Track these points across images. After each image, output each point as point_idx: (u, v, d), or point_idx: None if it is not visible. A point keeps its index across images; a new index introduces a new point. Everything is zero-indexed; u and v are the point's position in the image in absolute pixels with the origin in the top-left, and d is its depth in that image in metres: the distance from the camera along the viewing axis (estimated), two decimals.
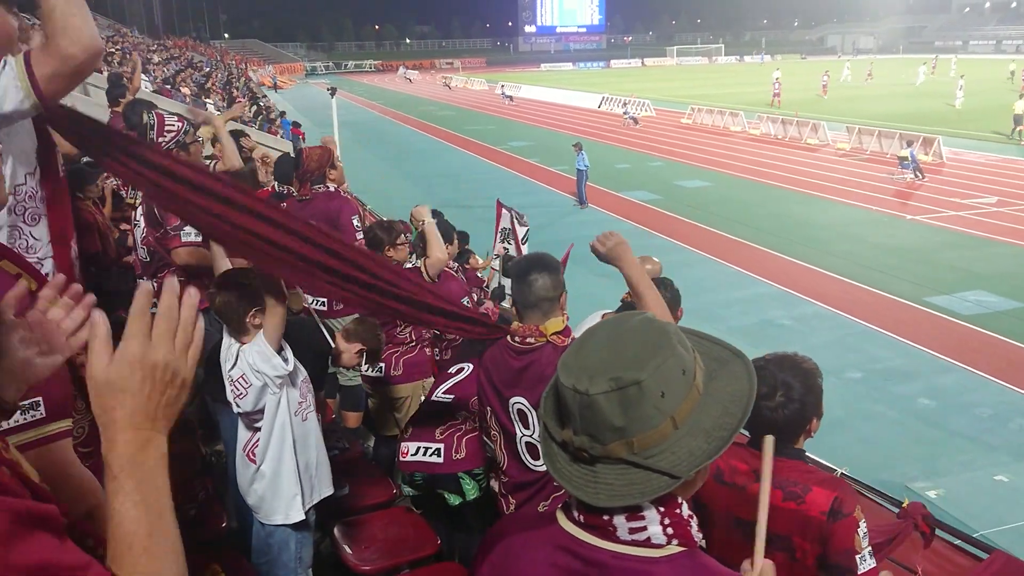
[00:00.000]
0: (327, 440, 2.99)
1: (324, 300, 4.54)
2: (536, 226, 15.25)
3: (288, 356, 2.63)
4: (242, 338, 2.65)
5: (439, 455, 3.05)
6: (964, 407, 7.80)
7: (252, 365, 2.58)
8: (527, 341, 2.43)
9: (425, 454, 3.08)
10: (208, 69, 37.51)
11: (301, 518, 2.77)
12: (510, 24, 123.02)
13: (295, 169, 5.16)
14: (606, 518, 1.05)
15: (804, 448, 2.12)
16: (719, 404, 1.07)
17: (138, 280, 4.42)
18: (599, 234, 2.37)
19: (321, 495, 2.87)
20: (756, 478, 2.05)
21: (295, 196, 5.06)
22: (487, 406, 2.63)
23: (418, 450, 3.11)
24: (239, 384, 2.63)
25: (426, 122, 34.48)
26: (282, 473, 2.72)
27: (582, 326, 2.66)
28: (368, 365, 3.45)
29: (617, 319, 1.12)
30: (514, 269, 2.57)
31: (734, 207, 16.44)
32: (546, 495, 2.47)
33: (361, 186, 15.09)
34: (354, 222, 4.99)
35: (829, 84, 39.08)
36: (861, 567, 1.94)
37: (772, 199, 17.36)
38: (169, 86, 20.61)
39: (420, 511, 3.37)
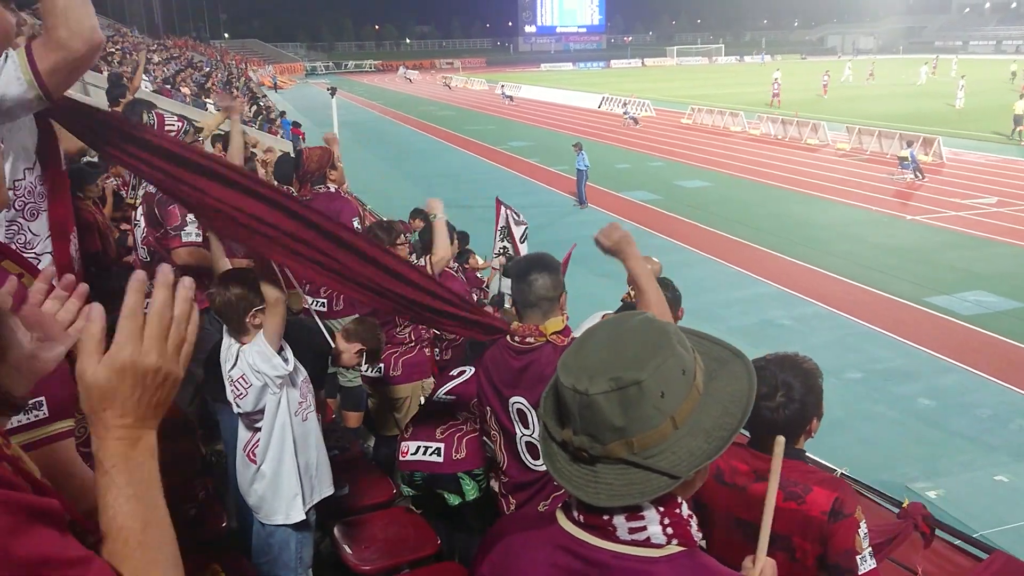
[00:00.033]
0: (327, 440, 2.99)
1: (324, 301, 4.54)
2: (536, 226, 15.26)
3: (288, 356, 2.63)
4: (242, 338, 2.65)
5: (439, 454, 3.05)
6: (964, 407, 7.79)
7: (252, 365, 2.58)
8: (527, 341, 2.43)
9: (425, 453, 3.08)
10: (208, 69, 37.52)
11: (302, 518, 2.77)
12: (510, 24, 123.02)
13: (295, 170, 5.16)
14: (606, 518, 1.05)
15: (804, 448, 2.12)
16: (719, 404, 1.07)
17: None
18: (603, 226, 2.34)
19: (321, 495, 2.87)
20: (756, 479, 2.05)
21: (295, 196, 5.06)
22: (487, 406, 2.63)
23: (418, 449, 3.11)
24: (239, 384, 2.63)
25: (426, 122, 34.47)
26: (282, 473, 2.72)
27: (582, 327, 2.66)
28: (368, 365, 3.46)
29: (617, 319, 1.12)
30: (514, 269, 2.57)
31: (734, 207, 16.44)
32: (546, 495, 2.47)
33: (361, 186, 15.10)
34: (354, 223, 4.99)
35: (830, 84, 39.08)
36: (862, 568, 1.94)
37: (772, 199, 17.36)
38: (169, 86, 20.63)
39: (420, 511, 3.37)
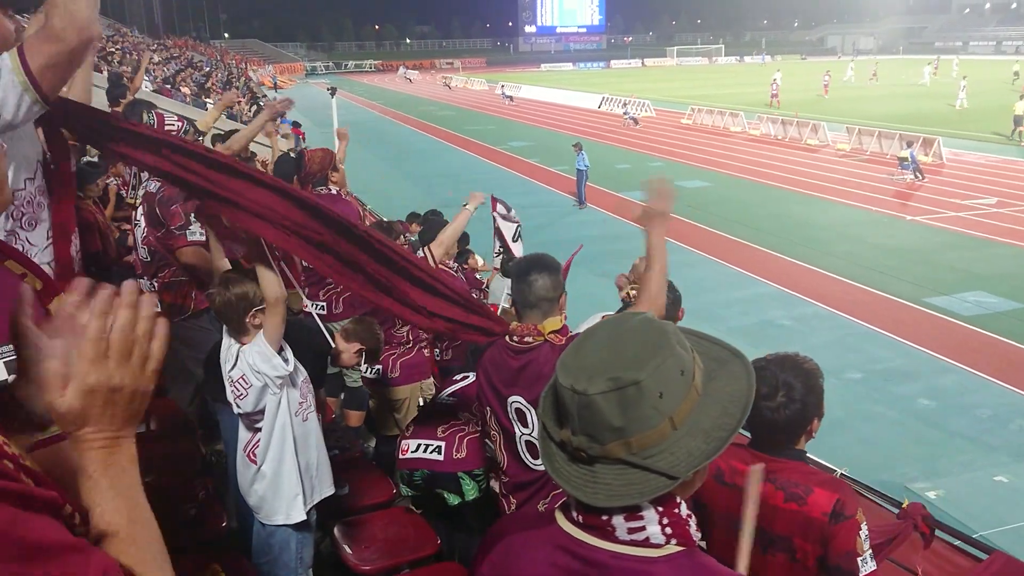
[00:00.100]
0: (327, 440, 3.00)
1: (324, 304, 4.54)
2: (536, 226, 15.26)
3: (288, 356, 2.63)
4: (242, 338, 2.65)
5: (440, 452, 3.05)
6: (964, 408, 7.79)
7: (252, 365, 2.58)
8: (525, 340, 2.43)
9: (426, 451, 3.08)
10: (208, 69, 37.52)
11: (302, 518, 2.77)
12: (510, 24, 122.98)
13: (297, 171, 5.16)
14: (605, 518, 1.05)
15: (805, 449, 2.12)
16: (718, 404, 1.06)
17: (138, 280, 4.42)
18: (659, 178, 2.36)
19: (322, 495, 2.87)
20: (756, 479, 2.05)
21: None
22: (486, 406, 2.63)
23: (419, 447, 3.11)
24: (239, 385, 2.63)
25: (426, 122, 34.47)
26: (283, 473, 2.72)
27: (580, 328, 2.66)
28: (367, 365, 3.46)
29: (616, 319, 1.12)
30: (514, 269, 2.57)
31: (734, 207, 16.44)
32: (545, 494, 2.47)
33: (361, 186, 15.09)
34: None
35: (831, 84, 39.07)
36: (863, 569, 1.94)
37: (772, 199, 17.36)
38: (169, 86, 20.63)
39: (420, 511, 3.37)
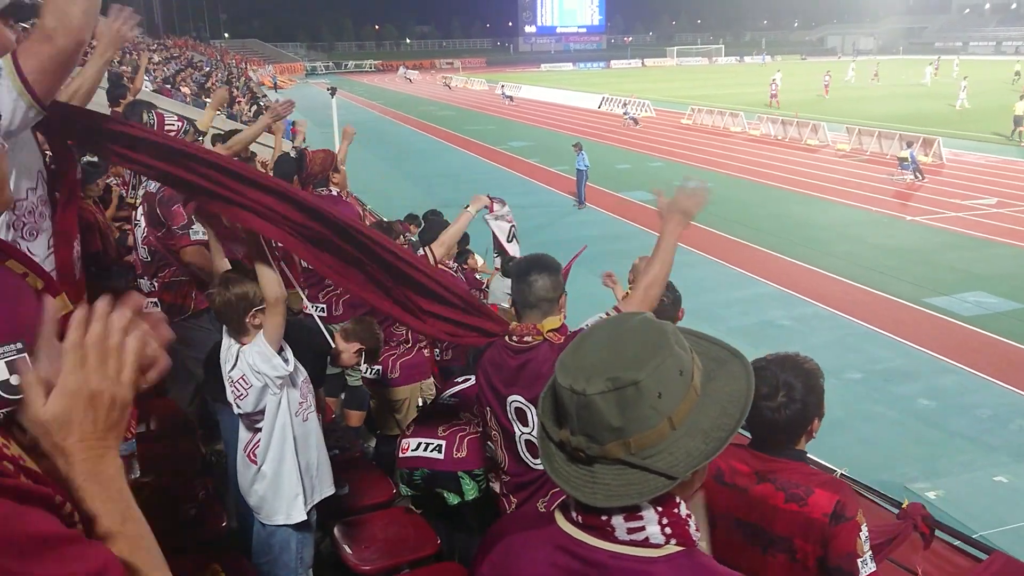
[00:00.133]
0: (327, 440, 3.00)
1: (324, 306, 4.55)
2: (536, 226, 15.27)
3: (288, 356, 2.63)
4: (242, 339, 2.65)
5: (440, 451, 3.05)
6: (964, 408, 7.79)
7: (252, 366, 2.58)
8: (524, 340, 2.43)
9: (426, 449, 3.08)
10: (208, 69, 37.52)
11: (303, 518, 2.77)
12: (510, 24, 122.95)
13: (298, 171, 5.16)
14: (604, 518, 1.05)
15: (806, 449, 2.12)
16: (717, 404, 1.06)
17: (138, 280, 4.42)
18: (700, 181, 2.42)
19: (322, 495, 2.87)
20: (758, 480, 2.06)
21: None
22: (486, 406, 2.63)
23: (419, 445, 3.11)
24: (239, 385, 2.63)
25: (426, 122, 34.47)
26: (283, 473, 2.72)
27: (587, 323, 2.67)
28: (367, 364, 3.46)
29: (616, 319, 1.12)
30: (514, 269, 2.57)
31: (734, 207, 16.42)
32: (545, 492, 2.46)
33: (361, 186, 15.09)
34: None
35: (831, 84, 39.07)
36: (863, 571, 1.94)
37: (772, 200, 17.36)
38: (169, 86, 20.64)
39: (420, 511, 3.37)
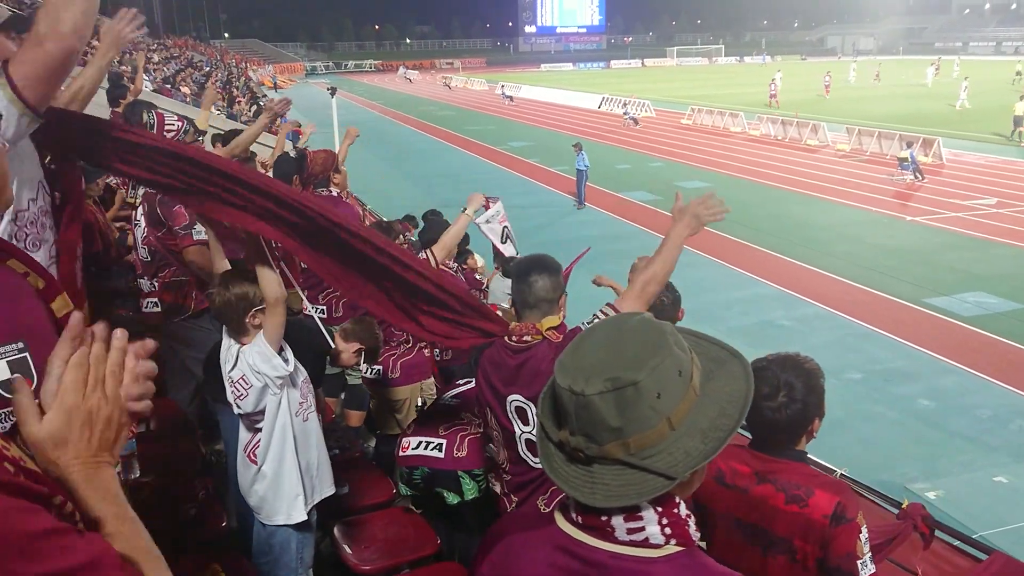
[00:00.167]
0: (327, 440, 2.99)
1: (324, 308, 4.54)
2: (536, 226, 15.27)
3: (288, 356, 2.63)
4: (242, 339, 2.65)
5: (440, 450, 3.05)
6: (964, 408, 7.79)
7: (252, 366, 2.58)
8: (523, 339, 2.43)
9: (427, 448, 3.08)
10: (208, 69, 37.52)
11: (303, 518, 2.77)
12: (510, 24, 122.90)
13: (299, 171, 5.16)
14: (604, 519, 1.05)
15: (806, 450, 2.12)
16: (716, 405, 1.06)
17: (138, 280, 4.41)
18: (715, 199, 2.48)
19: (323, 495, 2.87)
20: (758, 481, 2.05)
21: None
22: (486, 406, 2.63)
23: (419, 444, 3.11)
24: (240, 385, 2.63)
25: (426, 122, 34.47)
26: (283, 474, 2.72)
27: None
28: (367, 364, 3.45)
29: (615, 319, 1.12)
30: (515, 269, 2.57)
31: (734, 208, 16.14)
32: (545, 490, 2.46)
33: (361, 186, 15.08)
34: None
35: (832, 85, 39.07)
36: (862, 572, 1.94)
37: (772, 200, 17.35)
38: (169, 86, 20.64)
39: (420, 511, 3.37)
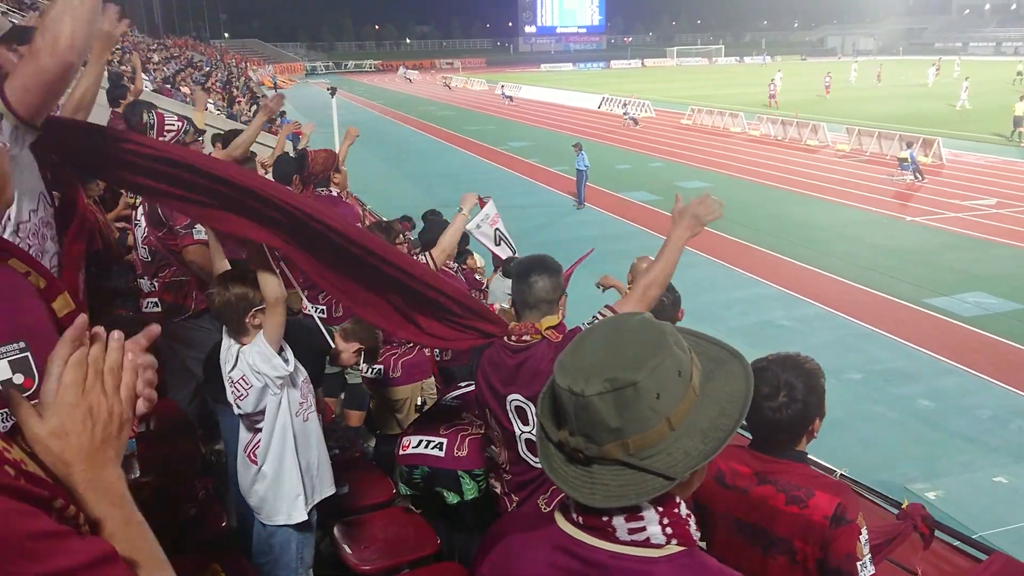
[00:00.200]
0: (327, 440, 2.99)
1: (324, 308, 4.54)
2: (536, 226, 15.28)
3: (288, 356, 2.62)
4: (242, 339, 2.64)
5: (441, 449, 3.05)
6: (964, 408, 7.79)
7: (252, 366, 2.57)
8: (523, 339, 2.43)
9: (427, 447, 3.08)
10: (208, 68, 37.50)
11: (304, 518, 2.77)
12: (510, 24, 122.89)
13: (299, 170, 5.16)
14: (605, 519, 1.05)
15: (807, 451, 2.12)
16: (716, 405, 1.06)
17: (138, 280, 4.41)
18: (712, 199, 2.42)
19: (323, 495, 2.86)
20: (759, 481, 2.05)
21: None
22: (486, 407, 2.63)
23: (420, 442, 3.11)
24: (240, 385, 2.62)
25: (426, 122, 34.48)
26: (284, 474, 2.71)
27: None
28: (366, 364, 3.45)
29: (615, 319, 1.12)
30: (515, 270, 2.57)
31: (734, 208, 16.40)
32: (545, 489, 2.46)
33: (361, 186, 15.08)
34: None
35: (832, 85, 39.07)
36: (862, 573, 1.94)
37: (772, 200, 17.36)
38: (169, 85, 20.63)
39: (419, 511, 3.37)
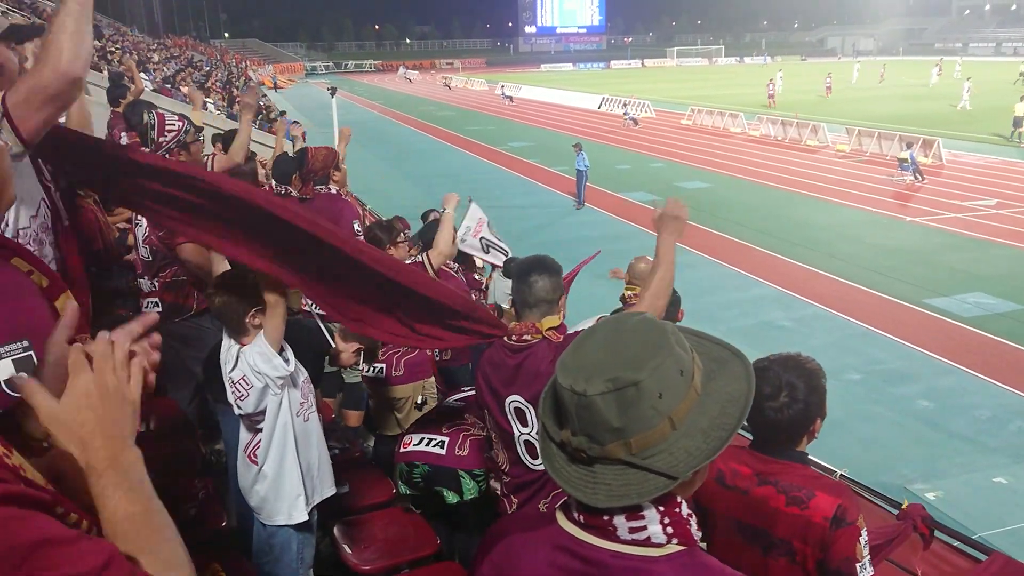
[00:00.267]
0: (327, 440, 2.99)
1: None
2: (536, 226, 15.28)
3: (289, 356, 2.62)
4: (242, 339, 2.64)
5: (442, 447, 3.06)
6: (963, 409, 7.79)
7: (253, 366, 2.57)
8: (523, 339, 2.43)
9: (428, 445, 3.09)
10: (208, 68, 37.51)
11: (304, 519, 2.77)
12: (510, 25, 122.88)
13: (299, 168, 5.16)
14: (606, 518, 1.05)
15: (807, 451, 2.12)
16: (717, 404, 1.06)
17: (138, 280, 4.41)
18: (673, 199, 2.49)
19: (323, 495, 2.87)
20: (759, 482, 2.05)
21: (295, 196, 5.05)
22: (485, 408, 2.63)
23: (421, 440, 3.11)
24: (240, 386, 2.62)
25: (426, 122, 34.48)
26: (284, 474, 2.71)
27: (580, 326, 2.66)
28: (366, 364, 3.45)
29: (616, 319, 1.12)
30: (515, 269, 2.57)
31: (734, 208, 16.44)
32: (546, 493, 2.46)
33: (361, 186, 15.09)
34: (355, 226, 4.99)
35: (833, 85, 39.07)
36: (861, 575, 1.94)
37: (772, 200, 17.36)
38: (169, 85, 20.64)
39: (419, 511, 3.37)
